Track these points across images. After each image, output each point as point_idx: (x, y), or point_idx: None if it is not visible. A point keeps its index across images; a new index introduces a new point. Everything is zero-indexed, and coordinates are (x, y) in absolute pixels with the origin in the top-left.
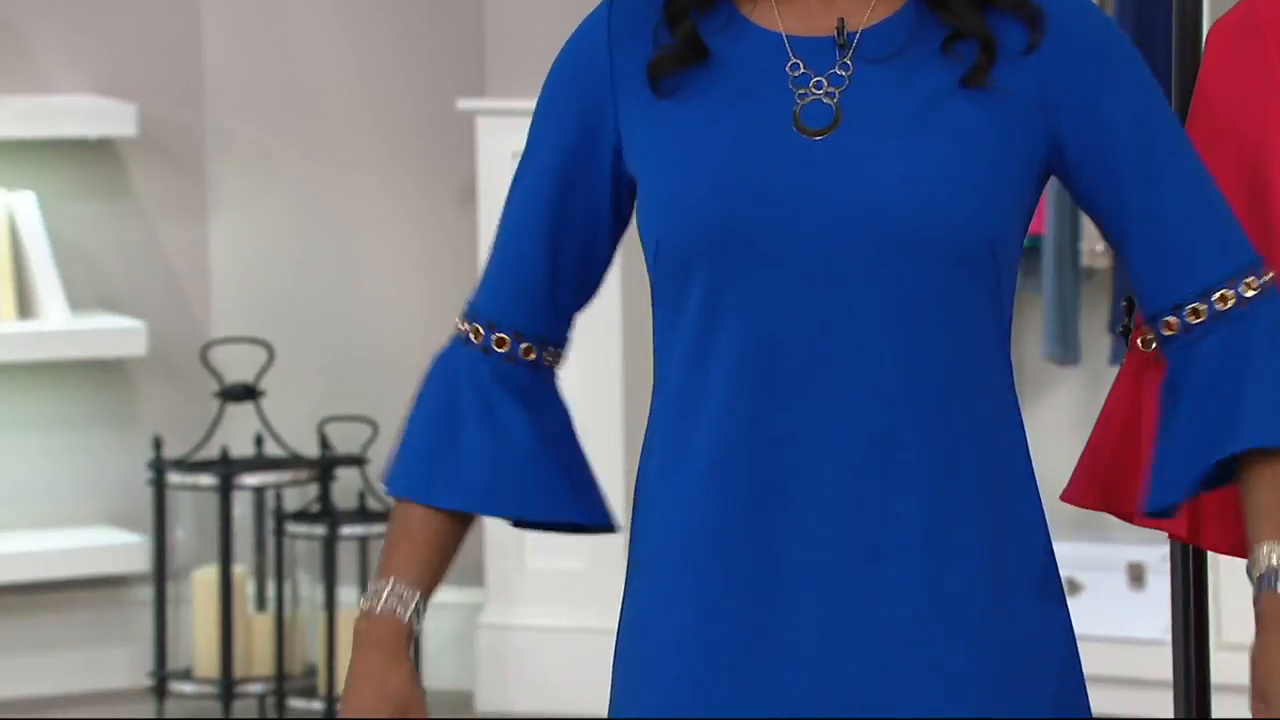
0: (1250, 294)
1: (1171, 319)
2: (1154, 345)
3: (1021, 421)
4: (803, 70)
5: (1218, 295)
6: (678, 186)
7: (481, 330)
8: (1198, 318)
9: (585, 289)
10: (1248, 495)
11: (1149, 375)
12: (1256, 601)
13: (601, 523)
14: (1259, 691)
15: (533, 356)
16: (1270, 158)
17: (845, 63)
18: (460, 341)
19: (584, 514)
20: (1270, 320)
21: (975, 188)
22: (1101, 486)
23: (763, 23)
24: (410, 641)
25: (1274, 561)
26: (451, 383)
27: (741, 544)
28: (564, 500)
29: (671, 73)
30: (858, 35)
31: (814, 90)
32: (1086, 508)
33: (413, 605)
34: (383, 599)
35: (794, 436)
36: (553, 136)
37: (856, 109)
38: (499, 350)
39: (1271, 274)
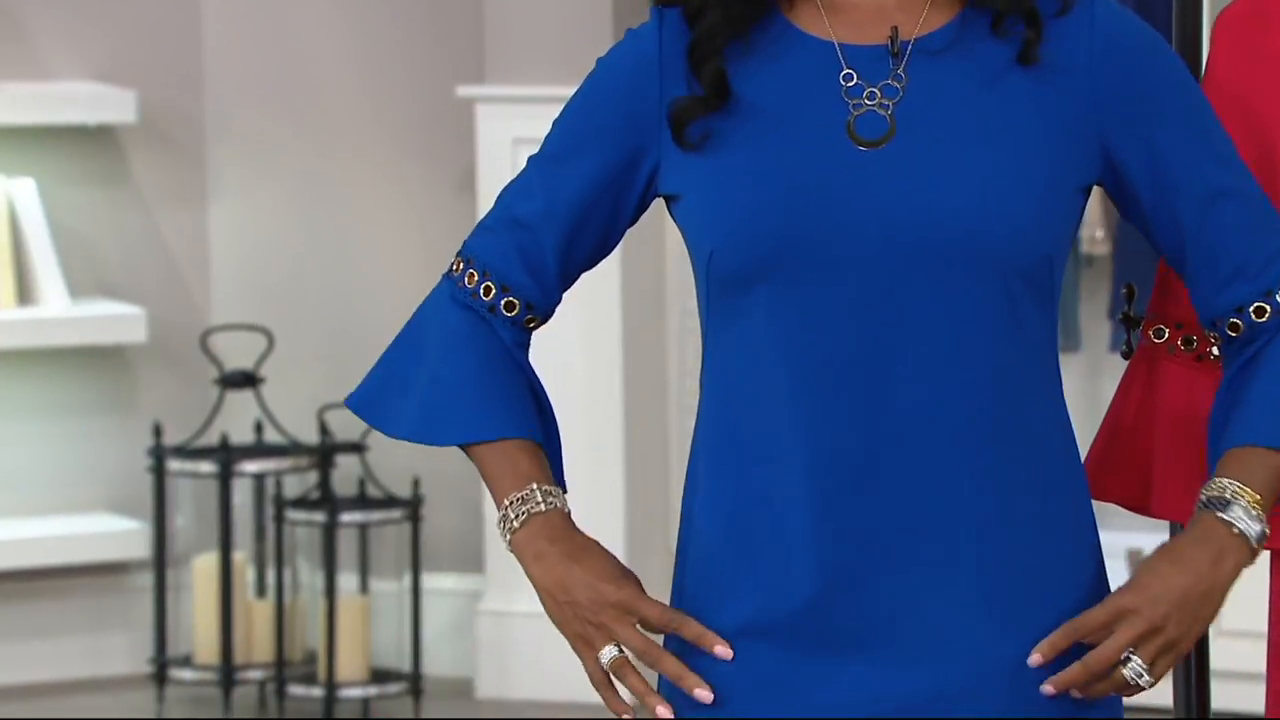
0: None
1: (1236, 320)
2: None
3: (1071, 428)
4: (856, 80)
5: (1279, 292)
6: (731, 197)
7: (493, 288)
8: (1262, 316)
9: (582, 273)
10: (1239, 453)
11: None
12: (1195, 517)
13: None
14: (1135, 583)
15: (533, 325)
16: None
17: (899, 73)
18: (467, 295)
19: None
20: None
21: (1031, 200)
22: (1114, 479)
23: (814, 32)
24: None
25: (1228, 495)
26: (483, 338)
27: (788, 555)
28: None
29: (694, 120)
30: (910, 45)
31: (867, 101)
32: (1098, 499)
33: (563, 495)
34: (540, 501)
35: (850, 447)
36: (596, 149)
37: (910, 120)
38: (507, 314)
39: None
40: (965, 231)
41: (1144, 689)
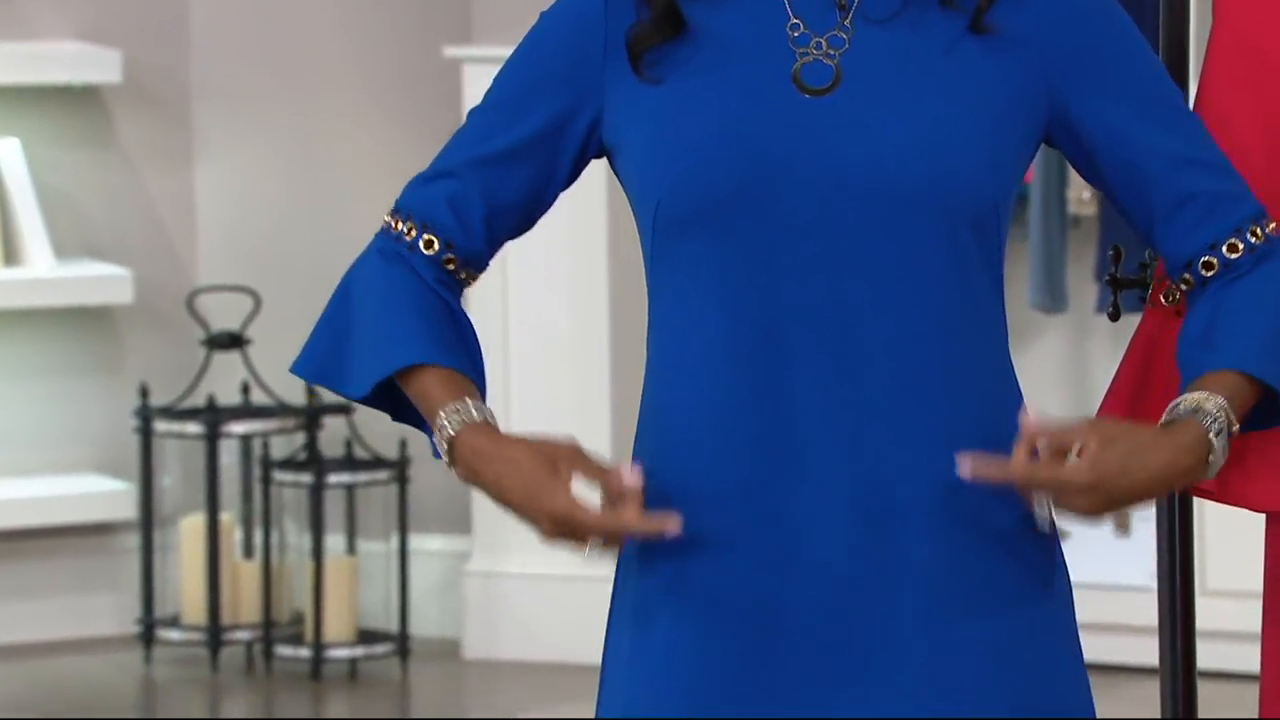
0: (1272, 231)
1: (1210, 258)
2: (1176, 297)
3: (1016, 377)
4: (803, 30)
5: (1250, 230)
6: (678, 146)
7: (415, 228)
8: (1235, 252)
9: (512, 226)
10: (1223, 375)
11: (1174, 329)
12: (1173, 413)
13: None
14: (1118, 463)
15: (453, 268)
16: None
17: (845, 24)
18: (397, 240)
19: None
20: None
21: (976, 147)
22: None
23: None
24: None
25: (1210, 408)
26: (402, 276)
27: (739, 504)
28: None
29: (649, 47)
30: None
31: (814, 50)
32: None
33: (489, 411)
34: (472, 412)
35: (794, 393)
36: (536, 99)
37: (857, 69)
38: (426, 251)
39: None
40: (910, 177)
41: (1035, 522)
